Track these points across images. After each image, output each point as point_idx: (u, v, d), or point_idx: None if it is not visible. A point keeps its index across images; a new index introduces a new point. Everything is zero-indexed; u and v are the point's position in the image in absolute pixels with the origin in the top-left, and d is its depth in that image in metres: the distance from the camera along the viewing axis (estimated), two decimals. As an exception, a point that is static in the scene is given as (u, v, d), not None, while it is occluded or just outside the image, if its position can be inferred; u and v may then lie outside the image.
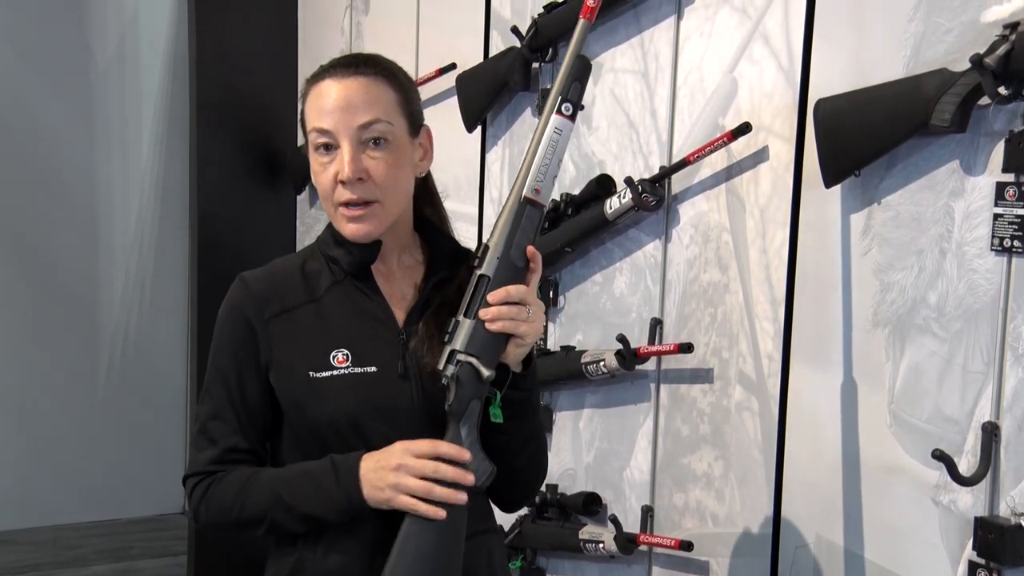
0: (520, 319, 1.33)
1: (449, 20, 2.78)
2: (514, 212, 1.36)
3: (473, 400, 1.35)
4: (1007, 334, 1.42)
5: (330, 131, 1.37)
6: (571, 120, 1.37)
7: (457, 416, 1.35)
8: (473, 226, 2.62)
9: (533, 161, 1.36)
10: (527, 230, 1.36)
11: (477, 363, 1.33)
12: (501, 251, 1.35)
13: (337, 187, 1.37)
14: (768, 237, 1.83)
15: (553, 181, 1.38)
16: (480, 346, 1.33)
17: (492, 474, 1.38)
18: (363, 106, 1.38)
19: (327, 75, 1.41)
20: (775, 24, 1.80)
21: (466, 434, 1.36)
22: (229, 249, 3.63)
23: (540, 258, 1.37)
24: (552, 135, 1.36)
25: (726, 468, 1.92)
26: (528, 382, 1.41)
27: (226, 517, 1.42)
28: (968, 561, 1.47)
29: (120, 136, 4.59)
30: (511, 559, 2.31)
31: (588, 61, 1.39)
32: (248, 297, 1.44)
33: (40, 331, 4.45)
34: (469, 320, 1.34)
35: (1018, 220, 1.39)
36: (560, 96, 1.37)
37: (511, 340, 1.34)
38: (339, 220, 1.40)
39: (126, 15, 4.57)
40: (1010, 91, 1.38)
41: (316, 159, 1.39)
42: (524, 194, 1.36)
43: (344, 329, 1.41)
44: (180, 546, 4.12)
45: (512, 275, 1.35)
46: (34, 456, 4.45)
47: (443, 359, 1.35)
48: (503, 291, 1.33)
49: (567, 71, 1.37)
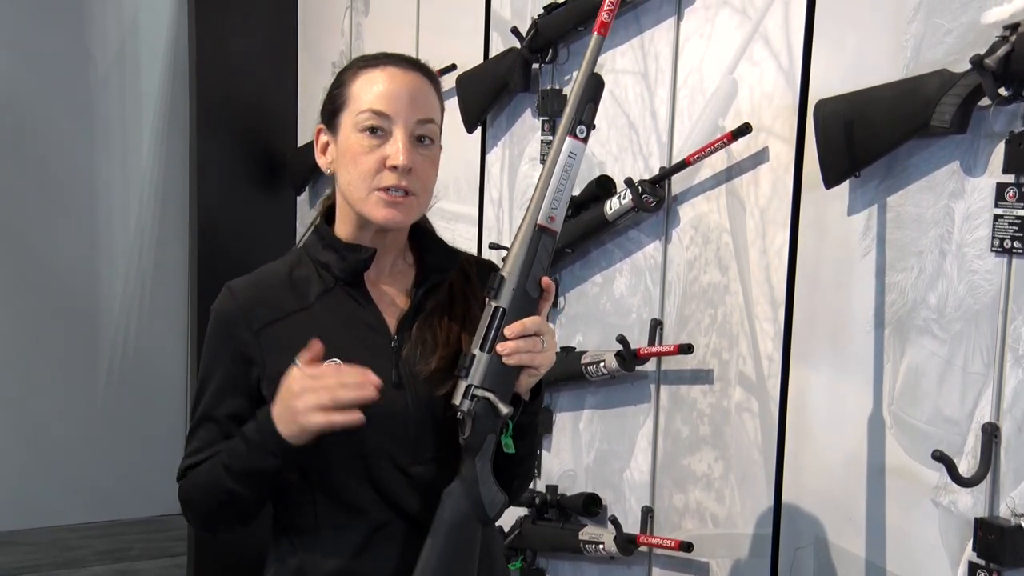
0: (535, 351, 1.32)
1: (449, 21, 2.78)
2: (528, 241, 1.35)
3: (489, 435, 1.35)
4: (1007, 335, 1.42)
5: (389, 116, 1.36)
6: (584, 143, 1.36)
7: (473, 451, 1.35)
8: (473, 226, 2.62)
9: (547, 187, 1.35)
10: (542, 259, 1.35)
11: (495, 399, 1.32)
12: (517, 282, 1.34)
13: (383, 171, 1.36)
14: (768, 238, 1.83)
15: (566, 206, 1.37)
16: (496, 380, 1.33)
17: (506, 504, 1.38)
18: (423, 103, 1.39)
19: (388, 63, 1.40)
20: (775, 25, 1.80)
21: (481, 468, 1.36)
22: (229, 250, 3.62)
23: (553, 288, 1.36)
24: (566, 160, 1.35)
25: (726, 469, 1.92)
26: (536, 406, 1.41)
27: (201, 506, 1.41)
28: (968, 562, 1.47)
29: (120, 137, 4.59)
30: (511, 560, 2.31)
31: (601, 80, 1.37)
32: (236, 307, 1.42)
33: (40, 332, 4.45)
34: (485, 354, 1.33)
35: (1018, 221, 1.39)
36: (573, 119, 1.35)
37: (524, 370, 1.34)
38: (372, 203, 1.37)
39: (126, 17, 4.57)
40: (1010, 92, 1.38)
41: (362, 140, 1.37)
42: (538, 222, 1.35)
43: (336, 338, 1.39)
44: (179, 547, 4.11)
45: (527, 306, 1.34)
46: (34, 457, 4.46)
47: (459, 394, 1.34)
48: (519, 325, 1.32)
49: (581, 91, 1.36)
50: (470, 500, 1.35)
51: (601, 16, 1.37)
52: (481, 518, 1.36)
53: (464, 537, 1.36)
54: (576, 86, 1.36)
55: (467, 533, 1.37)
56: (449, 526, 1.35)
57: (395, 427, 1.38)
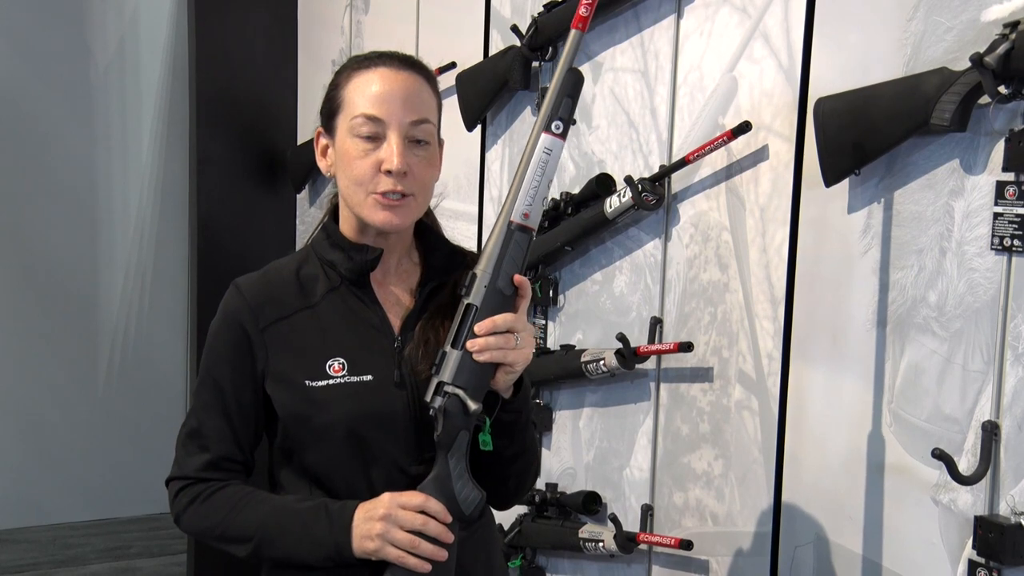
0: (508, 347, 1.31)
1: (449, 19, 2.78)
2: (502, 238, 1.33)
3: (461, 431, 1.34)
4: (1007, 333, 1.42)
5: (382, 120, 1.36)
6: (562, 138, 1.34)
7: (446, 448, 1.35)
8: (473, 225, 2.62)
9: (521, 184, 1.33)
10: (515, 256, 1.33)
11: (464, 395, 1.32)
12: (488, 279, 1.33)
13: (378, 176, 1.36)
14: (768, 236, 1.83)
15: (543, 203, 1.35)
16: (467, 377, 1.32)
17: (482, 501, 1.38)
18: (417, 103, 1.38)
19: (380, 64, 1.39)
20: (775, 23, 1.80)
21: (454, 465, 1.35)
22: (229, 249, 3.63)
23: (528, 285, 1.35)
24: (541, 156, 1.33)
25: (726, 467, 1.92)
26: (518, 404, 1.39)
27: (210, 532, 1.43)
28: (968, 560, 1.47)
29: (120, 135, 4.59)
30: (511, 558, 2.31)
31: (580, 74, 1.35)
32: (243, 305, 1.42)
33: (39, 330, 4.45)
34: (456, 351, 1.32)
35: (1018, 219, 1.39)
36: (550, 114, 1.34)
37: (500, 368, 1.33)
38: (370, 207, 1.37)
39: (126, 15, 4.57)
40: (1010, 90, 1.38)
41: (356, 144, 1.37)
42: (512, 219, 1.33)
43: (340, 337, 1.40)
44: (179, 545, 4.12)
45: (500, 303, 1.33)
46: (33, 455, 4.46)
47: (431, 391, 1.34)
48: (489, 322, 1.31)
49: (557, 86, 1.34)
50: (443, 497, 1.35)
51: (579, 11, 1.35)
52: (456, 514, 1.36)
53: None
54: (554, 81, 1.35)
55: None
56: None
57: (396, 427, 1.38)
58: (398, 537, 1.31)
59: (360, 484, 1.38)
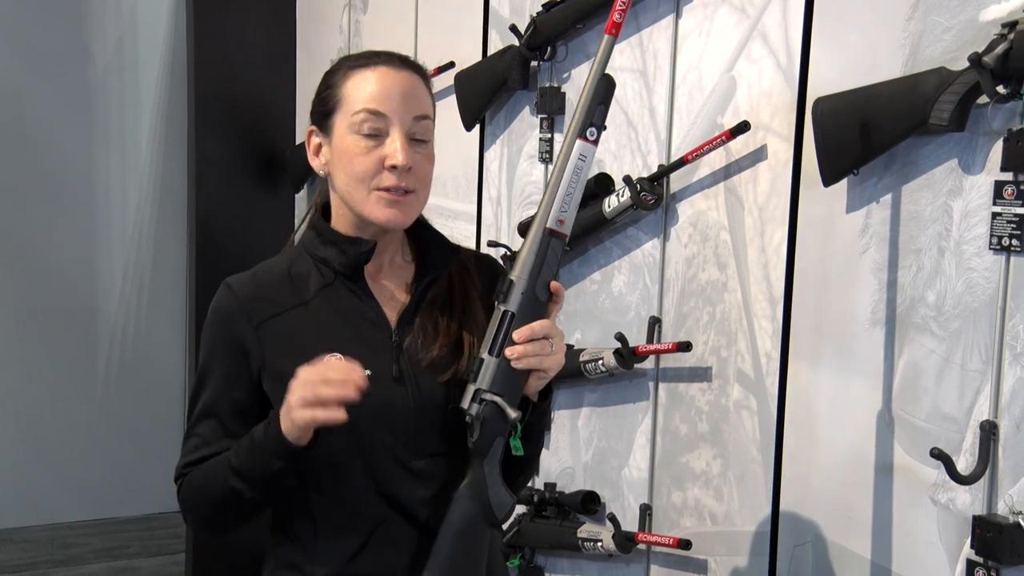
0: (544, 354, 1.32)
1: (447, 18, 2.78)
2: (538, 244, 1.34)
3: (498, 438, 1.35)
4: (1005, 333, 1.42)
5: (385, 115, 1.36)
6: (595, 144, 1.35)
7: (482, 454, 1.35)
8: (472, 224, 2.61)
9: (557, 190, 1.34)
10: (551, 263, 1.34)
11: (503, 403, 1.32)
12: (526, 286, 1.33)
13: (382, 172, 1.36)
14: (767, 236, 1.83)
15: (576, 209, 1.36)
16: (504, 384, 1.32)
17: (514, 506, 1.38)
18: (417, 100, 1.39)
19: (380, 62, 1.40)
20: (774, 23, 1.80)
21: (489, 471, 1.36)
22: (228, 248, 3.62)
23: (563, 292, 1.36)
24: (576, 162, 1.34)
25: (724, 467, 1.92)
26: (544, 407, 1.41)
27: (203, 507, 1.41)
28: (966, 559, 1.47)
29: (119, 135, 4.59)
30: (510, 558, 2.31)
31: (613, 80, 1.36)
32: (235, 302, 1.41)
33: (38, 330, 4.44)
34: (494, 358, 1.32)
35: (1016, 219, 1.40)
36: (584, 120, 1.35)
37: (532, 373, 1.34)
38: (373, 204, 1.37)
39: (124, 14, 4.57)
40: (1008, 90, 1.38)
41: (357, 141, 1.36)
42: (547, 225, 1.34)
43: (336, 333, 1.39)
44: (177, 545, 4.12)
45: (536, 309, 1.34)
46: (32, 455, 4.45)
47: (467, 398, 1.34)
48: (528, 329, 1.31)
49: (592, 93, 1.35)
50: (479, 503, 1.35)
51: (613, 16, 1.36)
52: (490, 520, 1.37)
53: (473, 540, 1.37)
54: (586, 87, 1.35)
55: (475, 536, 1.37)
56: (458, 529, 1.35)
57: (396, 422, 1.38)
58: (300, 395, 1.26)
59: (360, 480, 1.38)
